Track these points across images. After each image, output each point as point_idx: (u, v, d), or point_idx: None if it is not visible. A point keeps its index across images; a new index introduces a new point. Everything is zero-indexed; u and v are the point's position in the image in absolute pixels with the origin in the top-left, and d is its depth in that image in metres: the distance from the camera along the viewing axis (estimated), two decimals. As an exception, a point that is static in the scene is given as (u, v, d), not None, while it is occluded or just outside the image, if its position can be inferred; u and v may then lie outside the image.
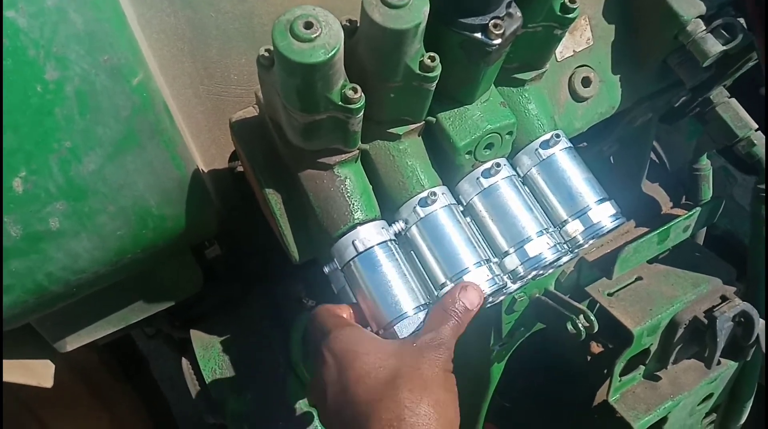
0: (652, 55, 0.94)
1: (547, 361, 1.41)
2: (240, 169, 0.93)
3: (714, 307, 1.11)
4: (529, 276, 0.76)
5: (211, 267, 1.15)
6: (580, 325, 1.00)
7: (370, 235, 0.70)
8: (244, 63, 0.85)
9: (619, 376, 1.15)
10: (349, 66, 0.64)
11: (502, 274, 0.74)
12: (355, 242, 0.70)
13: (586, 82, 0.91)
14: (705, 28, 0.87)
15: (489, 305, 0.79)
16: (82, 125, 0.66)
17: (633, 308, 1.10)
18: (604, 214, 0.76)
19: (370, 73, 0.65)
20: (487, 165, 0.75)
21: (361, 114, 0.64)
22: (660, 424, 1.20)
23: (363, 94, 0.62)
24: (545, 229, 0.74)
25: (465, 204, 0.77)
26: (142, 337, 1.54)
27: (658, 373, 1.20)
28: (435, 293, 0.73)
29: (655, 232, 1.10)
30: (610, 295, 1.13)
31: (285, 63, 0.56)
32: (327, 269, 0.74)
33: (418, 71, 0.64)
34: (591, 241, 0.78)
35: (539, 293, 1.11)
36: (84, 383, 1.41)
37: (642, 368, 1.17)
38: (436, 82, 0.66)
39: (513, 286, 0.77)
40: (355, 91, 0.61)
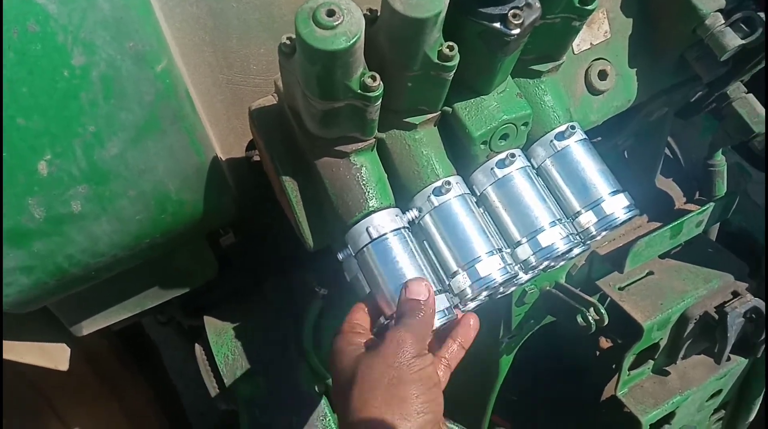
0: (669, 49, 0.94)
1: (556, 355, 1.41)
2: (256, 158, 0.94)
3: (725, 303, 1.11)
4: (541, 266, 0.76)
5: (226, 255, 1.17)
6: (590, 318, 1.01)
7: (384, 223, 0.71)
8: (263, 53, 0.86)
9: (628, 370, 1.16)
10: (369, 54, 0.64)
11: (514, 264, 0.74)
12: (369, 229, 0.71)
13: (603, 75, 0.91)
14: (724, 22, 0.87)
15: (499, 296, 0.80)
16: (106, 110, 0.67)
17: (644, 302, 1.10)
18: (617, 205, 0.76)
19: (389, 61, 0.66)
20: (502, 155, 0.76)
21: (379, 102, 0.65)
22: (668, 418, 1.20)
23: (381, 82, 0.63)
24: (558, 220, 0.75)
25: (479, 194, 0.78)
26: (152, 325, 1.55)
27: (667, 368, 1.20)
28: (446, 282, 0.73)
29: (668, 226, 1.10)
30: (621, 289, 1.13)
31: (307, 50, 0.57)
32: (341, 256, 0.74)
33: (437, 60, 0.65)
34: (604, 233, 0.78)
35: (550, 286, 1.12)
36: (94, 370, 1.43)
37: (651, 363, 1.18)
38: (454, 71, 0.67)
39: (524, 277, 0.78)
40: (374, 79, 0.62)
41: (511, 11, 0.63)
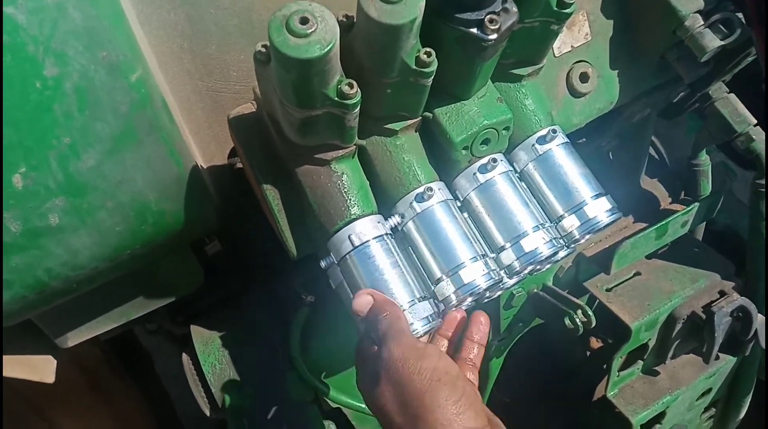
0: (650, 51, 0.94)
1: (547, 356, 1.41)
2: (239, 165, 0.94)
3: (712, 303, 1.11)
4: (526, 271, 0.76)
5: (212, 263, 1.16)
6: (577, 321, 1.01)
7: (366, 230, 0.71)
8: (243, 59, 0.85)
9: (618, 371, 1.16)
10: (346, 61, 0.64)
11: (498, 269, 0.74)
12: (351, 236, 0.70)
13: (584, 78, 0.91)
14: (703, 23, 0.87)
15: (486, 300, 0.80)
16: (80, 121, 0.66)
17: (631, 303, 1.10)
18: (600, 209, 0.76)
19: (366, 68, 0.65)
20: (484, 160, 0.76)
21: (357, 109, 0.65)
22: (658, 418, 1.20)
23: (359, 89, 0.62)
24: (541, 225, 0.75)
25: (462, 199, 0.77)
26: (144, 332, 1.54)
27: (656, 368, 1.21)
28: (431, 288, 0.73)
29: (654, 227, 1.10)
30: (609, 291, 1.13)
31: (281, 58, 0.56)
32: (324, 264, 0.74)
33: (415, 67, 0.64)
34: (587, 236, 0.78)
35: (537, 288, 1.11)
36: (86, 378, 1.42)
37: (640, 363, 1.18)
38: (433, 77, 0.66)
39: (510, 282, 0.78)
40: (351, 86, 0.62)
41: (488, 16, 0.63)
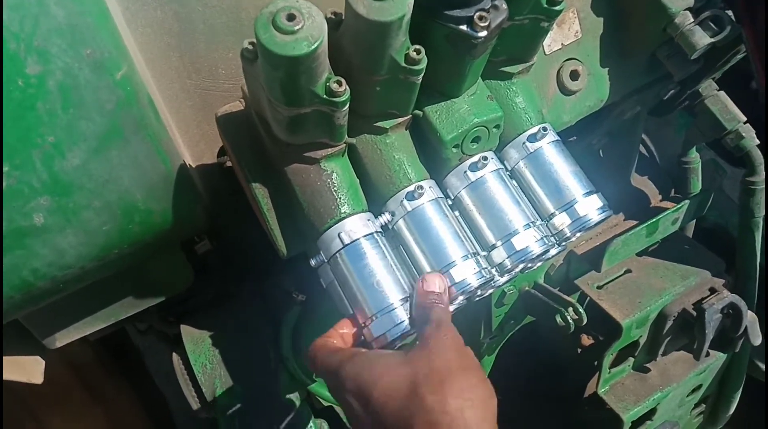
0: (640, 48, 0.94)
1: (538, 353, 1.42)
2: (229, 164, 0.93)
3: (703, 300, 1.11)
4: (517, 269, 0.76)
5: (202, 262, 1.15)
6: (568, 318, 1.01)
7: (356, 227, 0.70)
8: (231, 57, 0.84)
9: (609, 368, 1.16)
10: (335, 59, 0.63)
11: (490, 267, 0.74)
12: (341, 234, 0.70)
13: (575, 76, 0.91)
14: (693, 21, 0.87)
15: (478, 298, 0.80)
16: (65, 120, 0.65)
17: (622, 301, 1.11)
18: (590, 206, 0.76)
19: (355, 66, 0.65)
20: (474, 158, 0.75)
21: (346, 107, 0.64)
22: (649, 415, 1.21)
23: (348, 87, 0.62)
24: (532, 222, 0.75)
25: (453, 197, 0.77)
26: (136, 331, 1.53)
27: (647, 365, 1.21)
28: None
29: (644, 225, 1.10)
30: (600, 288, 1.13)
31: (268, 56, 0.56)
32: (314, 262, 0.73)
33: (404, 64, 0.64)
34: (578, 234, 0.78)
35: (529, 286, 1.12)
36: (78, 377, 1.41)
37: (631, 360, 1.18)
38: (422, 75, 0.66)
39: (501, 280, 0.78)
40: (339, 84, 0.61)
41: (477, 13, 0.63)
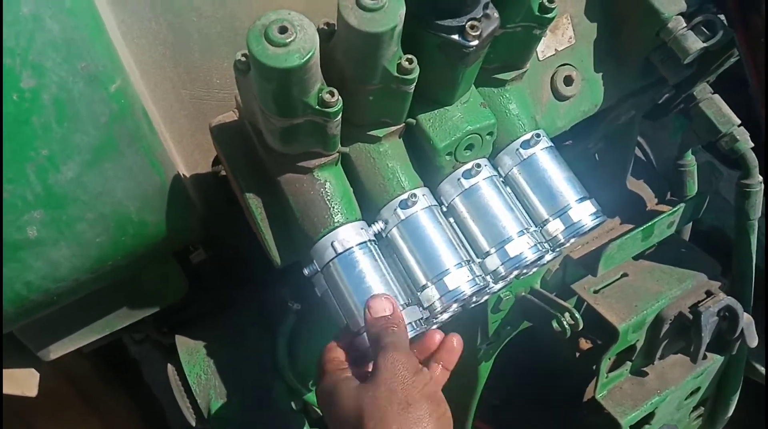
0: (634, 53, 0.94)
1: (536, 358, 1.42)
2: (224, 173, 0.93)
3: (699, 303, 1.11)
4: (511, 276, 0.76)
5: (197, 272, 1.15)
6: (565, 323, 1.01)
7: (349, 236, 0.70)
8: (226, 67, 0.84)
9: (606, 372, 1.16)
10: (328, 69, 0.63)
11: (484, 275, 0.74)
12: (334, 243, 0.70)
13: (569, 81, 0.92)
14: (685, 25, 0.87)
15: (473, 305, 0.80)
16: (59, 133, 0.65)
17: (618, 305, 1.11)
18: (584, 212, 0.76)
19: (348, 76, 0.65)
20: (468, 166, 0.75)
21: (338, 117, 0.64)
22: (647, 419, 1.21)
23: (340, 97, 0.62)
24: (526, 229, 0.75)
25: (446, 205, 0.77)
26: (132, 341, 1.53)
27: (644, 369, 1.21)
28: (416, 294, 0.72)
29: (640, 228, 1.11)
30: (596, 292, 1.13)
31: (260, 68, 0.56)
32: (307, 271, 0.73)
33: (396, 74, 0.64)
34: (572, 240, 0.78)
35: (525, 292, 1.12)
36: (74, 388, 1.40)
37: (629, 364, 1.18)
38: (415, 83, 0.66)
39: (495, 286, 0.78)
40: (332, 94, 0.61)
41: (469, 23, 0.63)
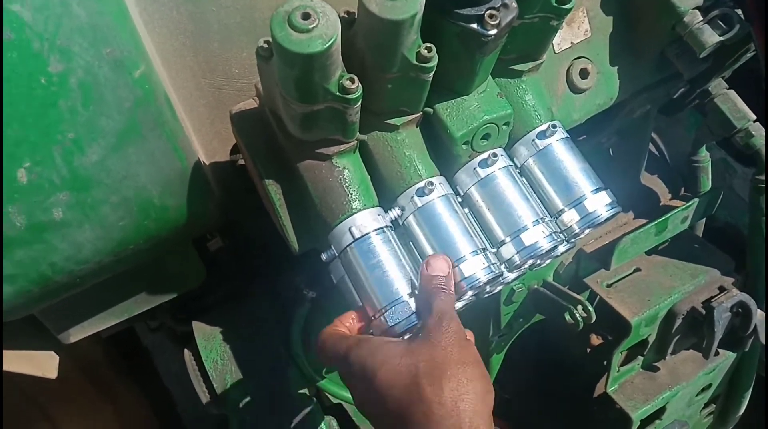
0: (650, 47, 0.94)
1: (547, 352, 1.42)
2: (241, 162, 0.94)
3: (712, 298, 1.11)
4: (526, 265, 0.77)
5: (214, 259, 1.17)
6: (578, 316, 1.01)
7: (367, 222, 0.71)
8: (245, 56, 0.86)
9: (618, 366, 1.16)
10: (348, 57, 0.64)
11: (499, 263, 0.75)
12: (352, 229, 0.71)
13: (584, 74, 0.92)
14: (702, 19, 0.87)
15: (486, 295, 0.80)
16: (85, 117, 0.67)
17: (631, 299, 1.11)
18: (599, 203, 0.77)
19: (368, 64, 0.66)
20: (484, 155, 0.76)
21: (358, 104, 0.65)
22: (658, 414, 1.21)
23: (360, 84, 0.63)
24: (541, 219, 0.75)
25: (462, 194, 0.78)
26: (145, 331, 1.55)
27: (656, 364, 1.21)
28: None
29: (653, 223, 1.11)
30: (609, 286, 1.14)
31: (283, 54, 0.57)
32: (324, 256, 0.74)
33: (415, 62, 0.65)
34: (587, 231, 0.78)
35: (538, 284, 1.12)
36: (87, 376, 1.42)
37: (640, 359, 1.18)
38: (433, 72, 0.67)
39: (510, 276, 0.78)
40: (352, 81, 0.62)
41: (488, 12, 0.64)
